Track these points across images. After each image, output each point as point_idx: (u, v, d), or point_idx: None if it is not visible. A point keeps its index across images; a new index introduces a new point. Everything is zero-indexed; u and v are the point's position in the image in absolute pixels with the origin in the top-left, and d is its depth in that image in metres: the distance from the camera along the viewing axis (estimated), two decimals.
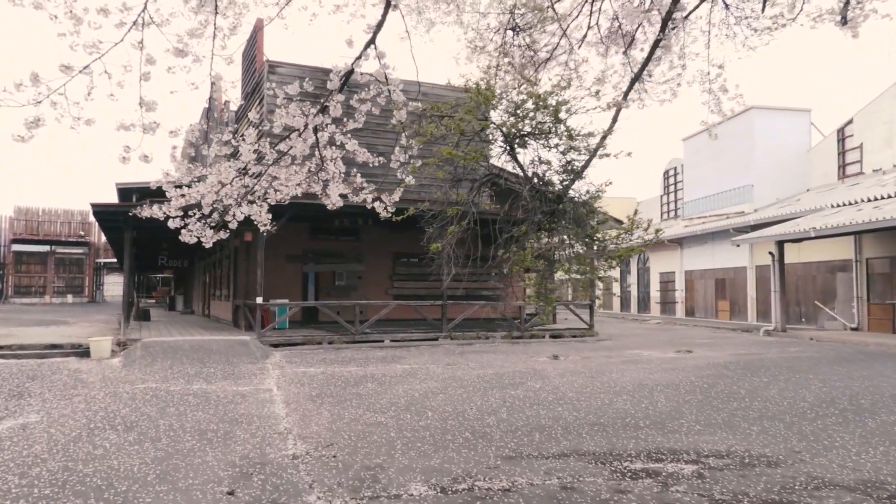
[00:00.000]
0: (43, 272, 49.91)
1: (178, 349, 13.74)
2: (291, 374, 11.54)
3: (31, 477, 5.49)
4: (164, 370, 11.67)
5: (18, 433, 7.01)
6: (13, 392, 9.39)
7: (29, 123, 4.62)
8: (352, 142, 6.93)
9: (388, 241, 21.03)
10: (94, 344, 13.69)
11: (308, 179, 7.13)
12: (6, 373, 11.18)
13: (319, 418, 7.89)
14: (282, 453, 6.31)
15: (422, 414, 8.14)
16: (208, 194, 6.49)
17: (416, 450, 6.43)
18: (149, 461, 5.99)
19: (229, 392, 9.64)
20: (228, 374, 11.40)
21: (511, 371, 11.90)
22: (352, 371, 11.90)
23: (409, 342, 16.66)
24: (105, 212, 14.18)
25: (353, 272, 20.59)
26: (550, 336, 18.83)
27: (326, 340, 15.99)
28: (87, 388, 9.79)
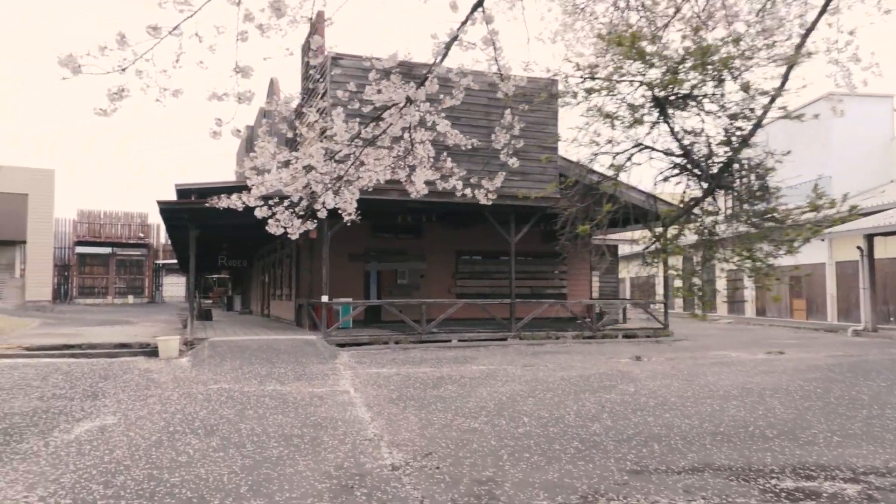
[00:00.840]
0: (105, 273, 51.07)
1: (245, 349, 13.41)
2: (365, 375, 11.04)
3: (116, 486, 5.05)
4: (234, 370, 11.32)
5: (97, 436, 6.63)
6: (88, 392, 9.11)
7: (112, 94, 4.15)
8: (444, 122, 6.33)
9: (450, 239, 20.47)
10: (163, 343, 13.47)
11: (394, 164, 6.56)
12: (78, 372, 10.98)
13: (408, 423, 7.32)
14: (378, 463, 5.75)
15: (517, 420, 7.50)
16: (296, 180, 5.97)
17: (525, 461, 5.79)
18: (237, 470, 5.50)
19: (305, 394, 9.17)
20: (300, 374, 10.96)
21: (595, 373, 11.15)
22: (426, 372, 11.34)
23: (477, 342, 16.04)
24: (170, 209, 14.00)
25: (415, 271, 20.09)
26: (623, 336, 17.96)
27: (393, 340, 15.49)
28: (161, 389, 9.46)
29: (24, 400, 8.51)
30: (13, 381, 9.98)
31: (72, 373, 10.95)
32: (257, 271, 29.74)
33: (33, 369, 11.32)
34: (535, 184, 16.54)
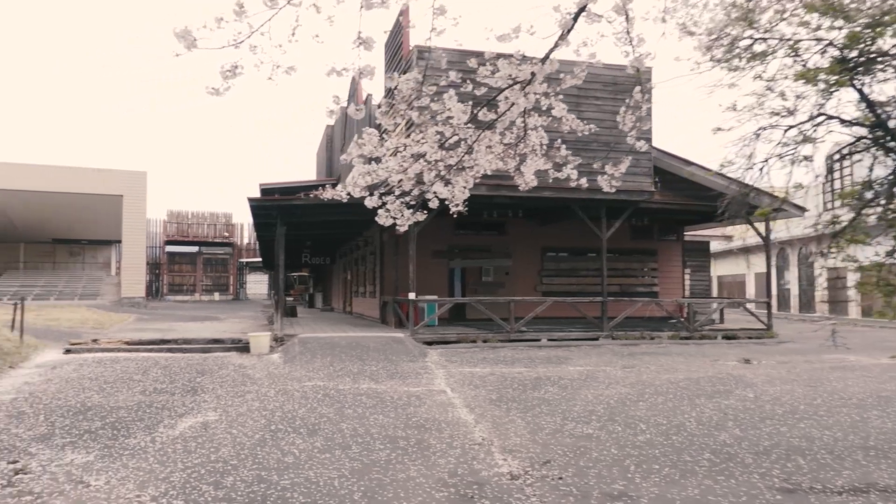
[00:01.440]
0: (192, 271, 53.02)
1: (334, 346, 13.31)
2: (458, 374, 10.69)
3: (226, 487, 4.84)
4: (326, 367, 11.18)
5: (201, 433, 6.51)
6: (187, 387, 9.12)
7: (226, 72, 3.90)
8: (560, 105, 5.86)
9: (535, 235, 19.91)
10: (254, 339, 13.54)
11: (503, 153, 6.14)
12: (176, 367, 11.09)
13: (515, 427, 6.90)
14: (494, 471, 5.34)
15: (633, 426, 6.95)
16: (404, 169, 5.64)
17: (655, 473, 5.26)
18: (347, 474, 5.21)
19: (401, 393, 8.88)
20: (393, 372, 10.71)
21: (704, 376, 10.41)
22: (521, 372, 10.88)
23: (568, 342, 15.45)
24: (260, 205, 14.08)
25: (500, 268, 19.64)
26: (723, 337, 16.95)
27: (480, 339, 15.10)
28: (257, 385, 9.37)
29: (127, 394, 8.57)
30: (116, 375, 10.14)
31: (170, 367, 11.08)
32: (339, 269, 29.99)
33: (133, 363, 11.53)
34: (628, 177, 15.75)
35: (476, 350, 14.13)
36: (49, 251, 49.95)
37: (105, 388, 8.99)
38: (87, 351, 13.13)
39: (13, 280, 41.61)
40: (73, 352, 13.02)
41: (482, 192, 14.85)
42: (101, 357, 12.35)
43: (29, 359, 11.86)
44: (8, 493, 4.65)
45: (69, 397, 8.25)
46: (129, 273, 37.33)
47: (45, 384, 9.27)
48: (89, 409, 7.51)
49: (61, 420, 6.96)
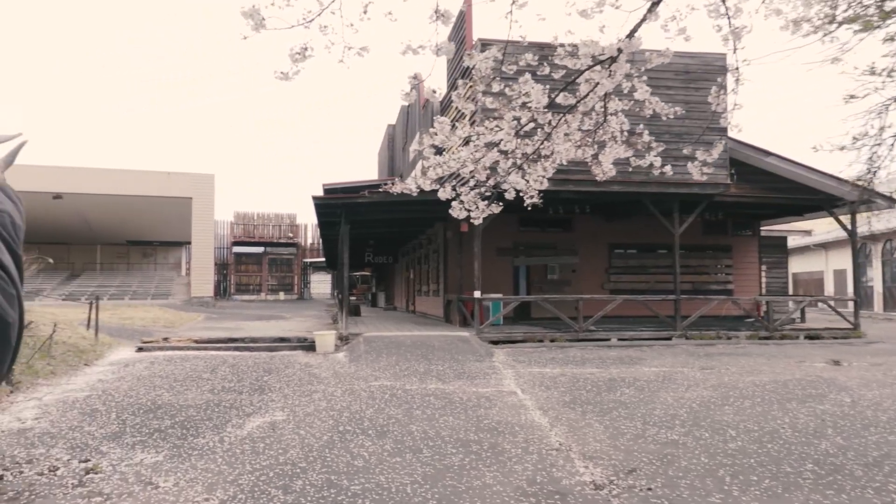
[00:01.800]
0: (258, 271, 54.19)
1: (399, 345, 13.14)
2: (528, 374, 10.33)
3: (295, 492, 4.65)
4: (392, 366, 11.00)
5: (269, 433, 6.38)
6: (255, 386, 9.07)
7: (295, 55, 3.69)
8: (644, 87, 5.45)
9: (602, 232, 19.32)
10: (319, 338, 13.51)
11: (581, 141, 5.76)
12: (243, 365, 11.12)
13: (593, 432, 6.51)
14: (576, 479, 4.99)
15: (721, 432, 6.46)
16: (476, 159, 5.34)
17: (755, 486, 4.80)
18: (419, 479, 4.95)
19: (470, 394, 8.59)
20: (459, 372, 10.44)
21: (791, 379, 9.74)
22: (593, 373, 10.44)
23: (639, 341, 14.85)
24: (325, 203, 14.05)
25: (566, 265, 19.13)
26: (805, 337, 16.00)
27: (548, 338, 14.68)
28: (323, 385, 9.25)
29: (196, 392, 8.57)
30: (186, 373, 10.22)
31: (237, 366, 11.11)
32: (401, 267, 29.96)
33: (203, 361, 11.62)
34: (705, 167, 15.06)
35: (543, 350, 13.72)
36: (124, 252, 51.94)
37: (175, 386, 9.03)
38: (158, 349, 13.36)
39: (91, 280, 43.38)
40: (144, 350, 13.27)
41: (548, 186, 14.43)
42: (172, 355, 12.53)
43: (103, 356, 12.12)
44: (78, 493, 4.58)
45: (140, 395, 8.29)
46: (198, 273, 38.36)
47: (118, 382, 9.38)
48: (159, 408, 7.50)
49: (132, 418, 6.95)
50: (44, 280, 42.27)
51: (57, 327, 12.98)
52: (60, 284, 41.38)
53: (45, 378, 9.44)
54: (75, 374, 10.07)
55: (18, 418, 6.92)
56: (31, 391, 8.51)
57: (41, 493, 4.55)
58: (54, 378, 9.57)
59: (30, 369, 9.58)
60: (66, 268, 48.57)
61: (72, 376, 9.91)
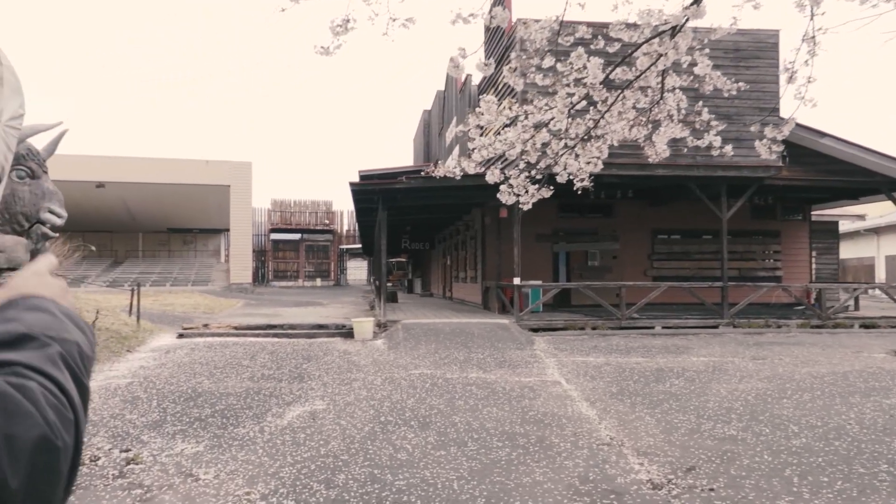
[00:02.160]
0: (295, 258, 54.66)
1: (438, 332, 12.96)
2: (571, 363, 10.05)
3: (338, 487, 4.48)
4: (431, 354, 10.83)
5: (309, 423, 6.24)
6: (294, 374, 8.98)
7: (336, 27, 3.47)
8: (705, 61, 5.11)
9: (645, 217, 18.82)
10: (357, 325, 13.41)
11: (635, 120, 5.44)
12: (282, 352, 11.06)
13: (645, 425, 6.22)
14: (632, 477, 4.72)
15: (782, 427, 6.11)
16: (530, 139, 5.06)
17: (826, 487, 4.47)
18: (466, 475, 4.74)
19: (513, 383, 8.35)
20: (501, 361, 10.21)
21: (851, 370, 9.28)
22: (639, 363, 10.11)
23: (685, 329, 14.42)
24: (362, 190, 13.89)
25: (607, 251, 18.70)
26: (860, 325, 15.36)
27: (589, 326, 14.34)
28: (363, 373, 9.11)
29: (236, 380, 8.50)
30: (226, 360, 10.19)
31: (276, 353, 11.06)
32: (438, 254, 29.79)
33: (242, 348, 11.61)
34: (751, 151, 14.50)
35: (585, 338, 13.40)
36: (164, 240, 52.83)
37: (215, 373, 8.98)
38: (199, 335, 13.42)
39: (133, 267, 44.22)
40: (185, 336, 13.33)
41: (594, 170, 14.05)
42: (212, 342, 12.55)
43: (145, 343, 12.20)
44: (118, 484, 4.48)
45: (181, 382, 8.26)
46: (236, 260, 38.79)
47: (159, 369, 9.38)
48: (200, 396, 7.44)
49: (173, 406, 6.89)
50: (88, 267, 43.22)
51: (100, 314, 13.11)
52: (104, 272, 42.25)
53: None
54: (118, 361, 10.12)
55: None
56: None
57: (82, 484, 4.46)
58: (97, 365, 9.61)
59: None
60: (109, 255, 49.62)
61: (114, 363, 9.96)
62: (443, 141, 26.32)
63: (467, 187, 14.52)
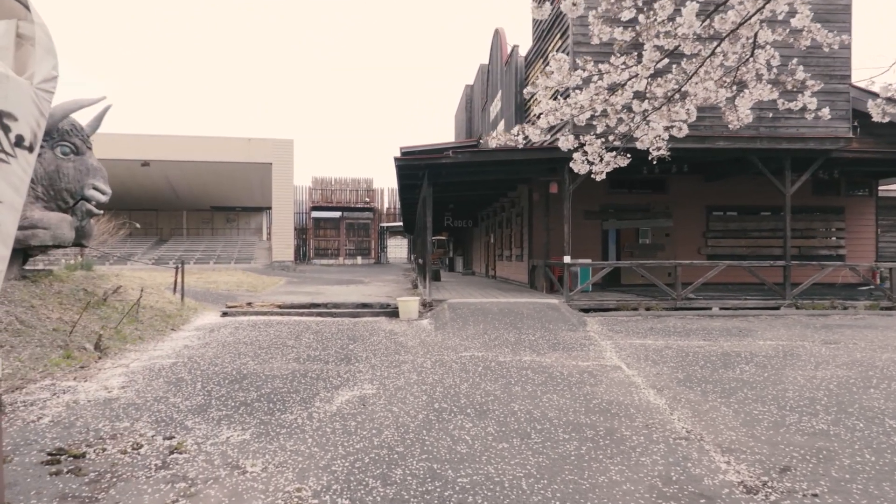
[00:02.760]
0: (336, 236, 54.77)
1: (485, 312, 12.53)
2: (628, 346, 9.53)
3: (395, 483, 4.11)
4: (480, 335, 10.42)
5: (360, 409, 5.89)
6: (340, 355, 8.67)
7: None
8: (804, 11, 4.52)
9: (699, 193, 18.00)
10: (403, 304, 13.07)
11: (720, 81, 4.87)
12: (327, 332, 10.78)
13: (723, 417, 5.70)
14: (720, 478, 4.23)
15: (877, 421, 5.53)
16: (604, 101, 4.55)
17: None
18: (534, 472, 4.32)
19: (570, 368, 7.89)
20: (554, 343, 9.75)
21: None
22: (702, 346, 9.53)
23: (745, 311, 13.71)
24: (407, 165, 13.47)
25: (659, 229, 17.97)
26: None
27: (643, 306, 13.74)
28: (411, 355, 8.76)
29: (281, 361, 8.22)
30: (270, 340, 9.94)
31: (321, 332, 10.79)
32: (481, 231, 29.31)
33: (286, 327, 11.38)
34: (817, 122, 13.61)
35: (639, 319, 12.82)
36: (208, 218, 53.43)
37: (260, 353, 8.73)
38: (242, 314, 13.25)
39: (178, 245, 44.80)
40: (229, 315, 13.18)
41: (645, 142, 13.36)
42: (255, 320, 12.36)
43: (189, 321, 12.06)
44: (161, 476, 4.18)
45: (225, 363, 8.01)
46: (278, 238, 38.90)
47: (203, 348, 9.18)
48: (245, 378, 7.16)
49: (217, 389, 6.62)
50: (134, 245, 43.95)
51: (144, 292, 13.03)
52: (150, 249, 42.90)
53: (133, 343, 9.34)
54: (162, 340, 9.96)
55: (105, 387, 6.70)
56: (118, 357, 8.38)
57: (123, 476, 4.18)
58: (142, 344, 9.46)
59: (118, 334, 9.50)
60: (154, 233, 50.44)
61: (158, 342, 9.80)
62: (486, 116, 25.68)
63: (515, 162, 13.98)
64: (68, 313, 9.63)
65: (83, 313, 9.69)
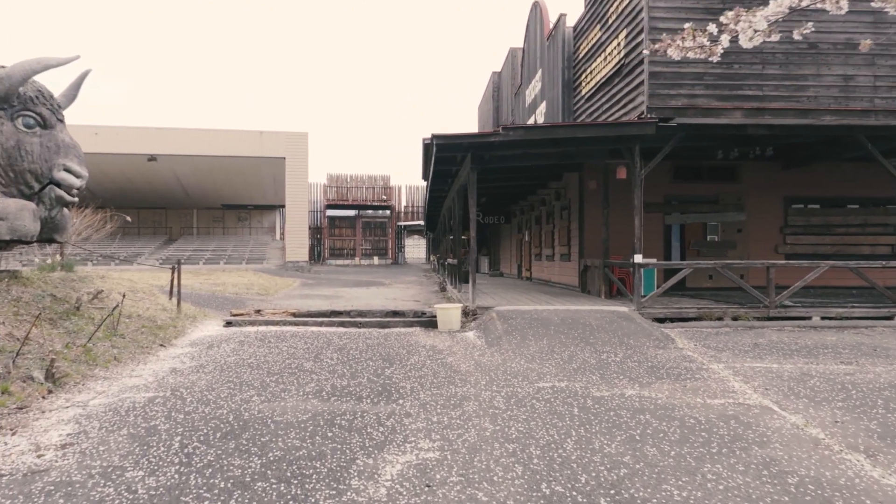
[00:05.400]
0: (352, 235, 52.66)
1: (544, 323, 10.26)
2: (749, 372, 7.23)
3: None
4: (548, 355, 8.18)
5: (421, 487, 3.66)
6: (375, 385, 6.43)
7: None
8: None
9: (776, 182, 15.61)
10: (442, 313, 10.83)
11: None
12: (354, 349, 8.57)
13: None
14: None
15: None
16: None
17: None
18: None
19: (698, 408, 5.61)
20: (650, 367, 7.47)
21: None
22: (850, 372, 7.22)
23: (853, 320, 11.33)
24: (447, 144, 11.20)
25: (730, 224, 15.59)
26: None
27: (729, 315, 11.40)
28: (471, 386, 6.51)
29: (297, 396, 6.01)
30: (283, 360, 7.75)
31: (346, 349, 8.59)
32: (512, 229, 27.02)
33: (302, 342, 9.19)
34: None
35: (729, 331, 10.50)
36: (219, 216, 51.51)
37: (268, 383, 6.52)
38: (250, 324, 11.08)
39: (187, 245, 42.86)
40: (234, 324, 11.02)
41: (736, 118, 11.04)
42: (265, 332, 10.19)
43: (184, 334, 9.90)
44: None
45: (221, 400, 5.80)
46: (292, 237, 36.88)
47: (195, 374, 6.98)
48: (245, 428, 4.95)
49: (203, 451, 4.41)
50: (142, 245, 42.06)
51: (134, 297, 10.89)
52: (158, 249, 40.99)
53: (104, 367, 7.16)
54: (144, 361, 7.79)
55: (37, 445, 4.52)
56: (77, 389, 6.20)
57: None
58: (116, 367, 7.28)
59: (87, 354, 7.33)
60: (163, 232, 48.57)
61: (139, 363, 7.62)
62: (520, 101, 23.40)
63: (576, 140, 11.70)
64: (24, 326, 7.47)
65: (42, 327, 7.53)
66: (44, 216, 8.87)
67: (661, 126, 11.06)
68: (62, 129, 9.14)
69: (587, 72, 14.91)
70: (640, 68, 11.43)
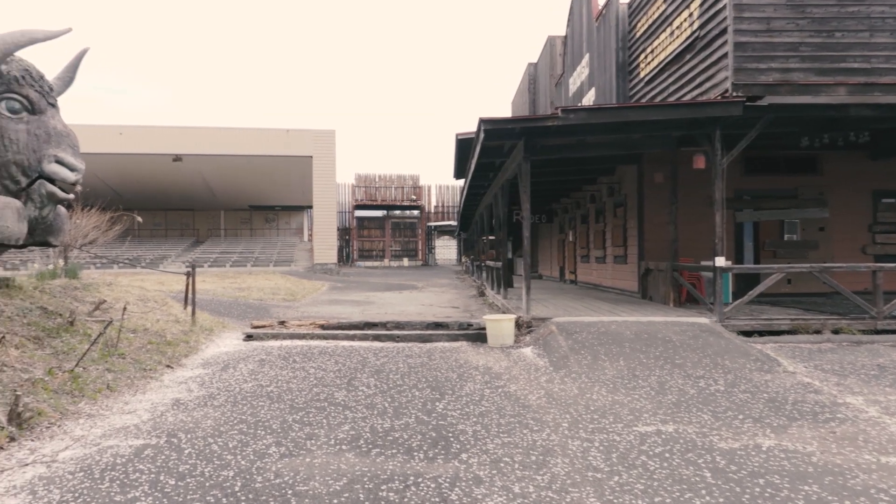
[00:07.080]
0: (381, 236, 51.46)
1: (615, 338, 8.71)
2: None
3: None
4: (631, 381, 6.67)
5: None
6: (426, 428, 4.97)
7: None
8: None
9: (863, 174, 13.84)
10: (493, 325, 9.36)
11: None
12: (394, 373, 7.14)
13: None
14: None
15: None
16: None
17: None
18: None
19: (874, 470, 4.06)
20: (769, 402, 5.91)
21: None
22: None
23: None
24: (498, 130, 9.70)
25: (811, 221, 13.85)
26: None
27: (829, 328, 9.74)
28: (552, 431, 5.02)
29: (328, 445, 4.58)
30: (309, 389, 6.34)
31: (385, 372, 7.17)
32: (552, 228, 25.43)
33: (332, 362, 7.79)
34: None
35: (833, 347, 8.87)
36: (246, 218, 50.68)
37: (291, 425, 5.10)
38: (273, 337, 9.72)
39: (215, 247, 42.03)
40: (255, 338, 9.67)
41: (839, 95, 9.38)
42: (290, 347, 8.83)
43: (197, 351, 8.56)
44: None
45: (227, 454, 4.39)
46: (320, 238, 35.72)
47: (201, 410, 5.60)
48: (259, 501, 3.52)
49: None
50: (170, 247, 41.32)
51: (144, 306, 9.62)
52: (185, 251, 40.19)
53: (92, 400, 5.82)
54: (144, 389, 6.44)
55: None
56: (49, 433, 4.86)
57: None
58: (107, 399, 5.93)
59: (74, 382, 6.00)
60: (191, 234, 47.88)
61: (137, 391, 6.28)
62: (562, 90, 21.81)
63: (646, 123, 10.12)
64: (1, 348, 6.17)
65: (25, 347, 6.23)
66: (34, 216, 7.57)
67: (749, 106, 9.45)
68: (54, 115, 7.83)
69: (647, 51, 13.31)
70: (720, 39, 9.82)
